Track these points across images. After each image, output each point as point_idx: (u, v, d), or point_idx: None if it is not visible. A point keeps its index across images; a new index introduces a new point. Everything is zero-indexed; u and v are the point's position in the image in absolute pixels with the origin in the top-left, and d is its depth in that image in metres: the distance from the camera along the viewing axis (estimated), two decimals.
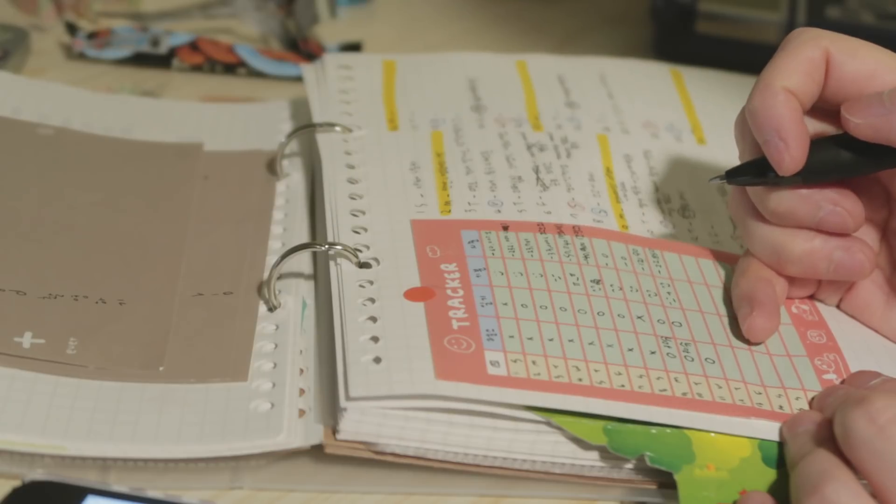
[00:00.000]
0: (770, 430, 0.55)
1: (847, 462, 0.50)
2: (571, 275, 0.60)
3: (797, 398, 0.56)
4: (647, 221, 0.65)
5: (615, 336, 0.58)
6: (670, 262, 0.63)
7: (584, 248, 0.62)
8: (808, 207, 0.58)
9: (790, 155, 0.57)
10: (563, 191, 0.66)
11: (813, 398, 0.56)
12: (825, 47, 0.57)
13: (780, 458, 0.54)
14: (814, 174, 0.58)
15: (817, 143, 0.58)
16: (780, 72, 0.57)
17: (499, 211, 0.64)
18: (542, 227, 0.63)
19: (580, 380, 0.55)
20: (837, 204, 0.58)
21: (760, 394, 0.56)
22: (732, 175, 0.59)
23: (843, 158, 0.58)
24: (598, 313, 0.59)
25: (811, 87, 0.57)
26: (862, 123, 0.56)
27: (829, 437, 0.51)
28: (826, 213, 0.58)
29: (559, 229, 0.63)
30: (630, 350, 0.57)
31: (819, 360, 0.58)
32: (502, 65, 0.77)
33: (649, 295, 0.60)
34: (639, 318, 0.59)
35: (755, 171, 0.58)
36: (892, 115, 0.56)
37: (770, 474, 0.54)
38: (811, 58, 0.57)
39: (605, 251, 0.62)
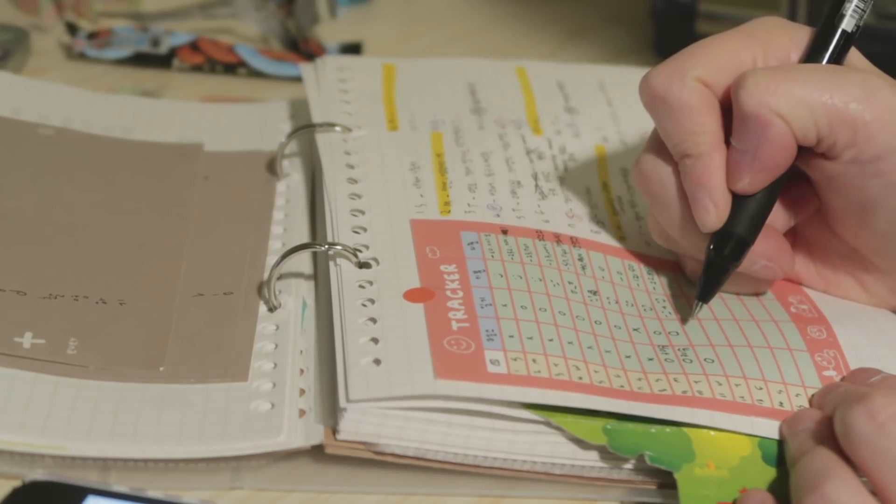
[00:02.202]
0: (770, 428, 0.55)
1: (847, 460, 0.50)
2: (570, 283, 0.60)
3: (797, 395, 0.56)
4: (644, 233, 0.65)
5: (612, 343, 0.58)
6: (666, 279, 0.63)
7: (581, 259, 0.62)
8: (745, 262, 0.59)
9: (718, 216, 0.58)
10: (561, 201, 0.66)
11: (813, 395, 0.56)
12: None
13: (780, 457, 0.54)
14: (754, 234, 0.59)
15: (737, 201, 0.58)
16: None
17: (498, 215, 0.64)
18: (540, 235, 0.63)
19: (580, 378, 0.55)
20: (772, 260, 0.59)
21: (761, 389, 0.56)
22: (706, 296, 0.59)
23: (762, 204, 0.58)
24: (595, 322, 0.59)
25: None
26: (751, 181, 0.57)
27: (830, 435, 0.51)
28: (760, 266, 0.59)
29: (557, 238, 0.63)
30: (628, 357, 0.57)
31: (819, 356, 0.58)
32: (501, 70, 0.77)
33: (645, 310, 0.60)
34: (635, 329, 0.59)
35: (717, 274, 0.59)
36: (746, 156, 0.57)
37: (770, 472, 0.54)
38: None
39: (602, 265, 0.62)
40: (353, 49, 0.87)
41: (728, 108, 0.58)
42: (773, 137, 0.56)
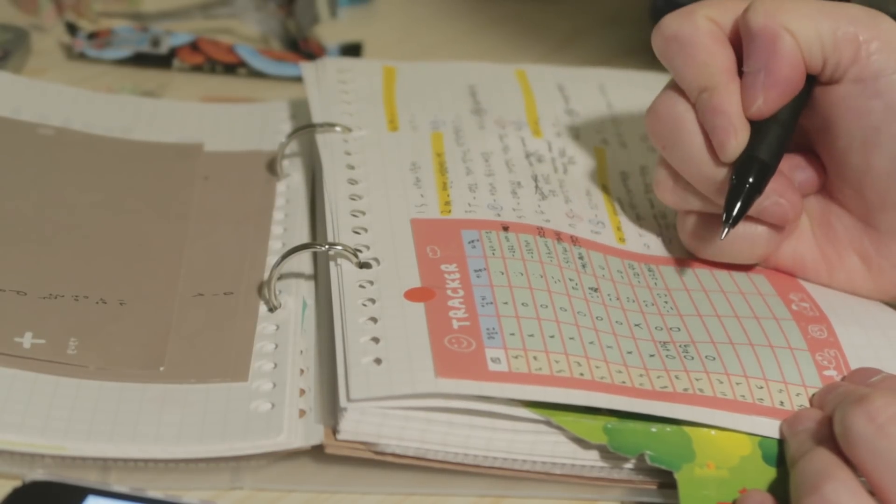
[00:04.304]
0: (770, 428, 0.55)
1: (847, 461, 0.50)
2: (570, 279, 0.60)
3: (798, 394, 0.56)
4: (644, 235, 0.65)
5: (614, 339, 0.58)
6: (666, 274, 0.63)
7: (581, 258, 0.62)
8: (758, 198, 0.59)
9: (738, 140, 0.59)
10: (561, 202, 0.66)
11: (813, 395, 0.56)
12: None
13: (781, 457, 0.54)
14: (776, 158, 0.59)
15: (756, 128, 0.59)
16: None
17: (498, 215, 0.64)
18: (541, 231, 0.63)
19: (581, 374, 0.55)
20: (782, 196, 0.60)
21: (762, 388, 0.56)
22: (733, 220, 0.59)
23: (780, 131, 0.59)
24: (596, 318, 0.59)
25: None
26: (765, 100, 0.59)
27: (829, 436, 0.51)
28: (770, 202, 0.60)
29: (558, 236, 0.63)
30: (629, 353, 0.57)
31: (820, 356, 0.58)
32: (502, 73, 0.77)
33: (646, 305, 0.60)
34: (636, 325, 0.59)
35: (742, 201, 0.59)
36: (758, 76, 0.58)
37: (770, 473, 0.54)
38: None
39: (602, 263, 0.62)
40: (353, 49, 0.87)
41: (739, 49, 0.60)
42: (782, 50, 0.58)
